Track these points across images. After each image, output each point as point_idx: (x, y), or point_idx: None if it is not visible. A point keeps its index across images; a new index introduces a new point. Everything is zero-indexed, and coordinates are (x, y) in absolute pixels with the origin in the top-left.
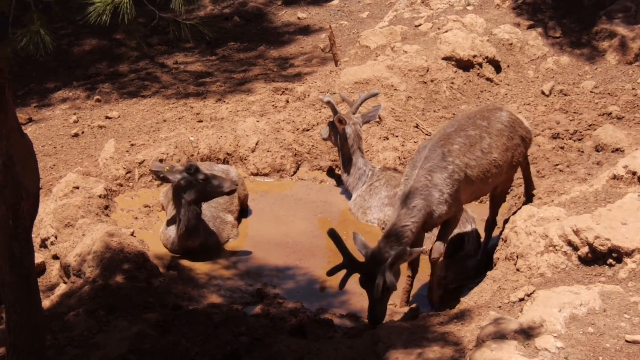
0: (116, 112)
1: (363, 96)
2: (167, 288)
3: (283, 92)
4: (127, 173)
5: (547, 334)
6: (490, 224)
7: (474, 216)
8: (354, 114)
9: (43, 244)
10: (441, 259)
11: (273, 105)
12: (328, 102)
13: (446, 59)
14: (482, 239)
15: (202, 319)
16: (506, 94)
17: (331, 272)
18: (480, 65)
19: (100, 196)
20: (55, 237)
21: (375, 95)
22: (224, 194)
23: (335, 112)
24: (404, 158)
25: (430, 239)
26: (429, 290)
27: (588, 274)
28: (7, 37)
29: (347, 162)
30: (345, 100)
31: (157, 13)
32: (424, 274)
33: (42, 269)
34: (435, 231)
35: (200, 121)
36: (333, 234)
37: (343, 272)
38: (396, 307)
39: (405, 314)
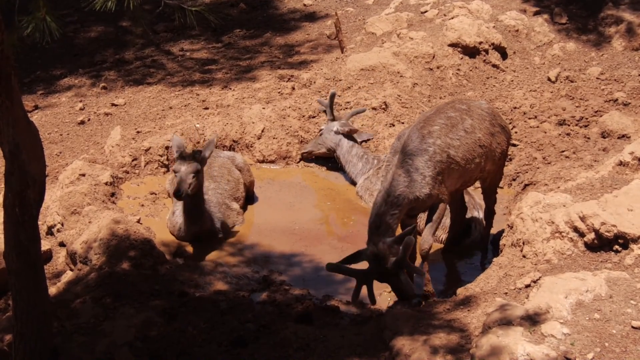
0: (122, 99)
1: (351, 113)
2: (173, 275)
3: (289, 79)
4: (133, 160)
5: (553, 320)
6: (489, 213)
7: (482, 203)
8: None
9: (49, 232)
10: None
11: (279, 92)
12: (332, 95)
13: (452, 45)
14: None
15: (208, 306)
16: (512, 81)
17: (354, 297)
18: (487, 51)
19: (106, 183)
20: (62, 225)
21: (362, 112)
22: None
23: (332, 109)
24: None
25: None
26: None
27: (594, 260)
28: (13, 25)
29: (346, 154)
30: (322, 104)
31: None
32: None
33: (48, 256)
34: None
35: (206, 108)
36: (333, 267)
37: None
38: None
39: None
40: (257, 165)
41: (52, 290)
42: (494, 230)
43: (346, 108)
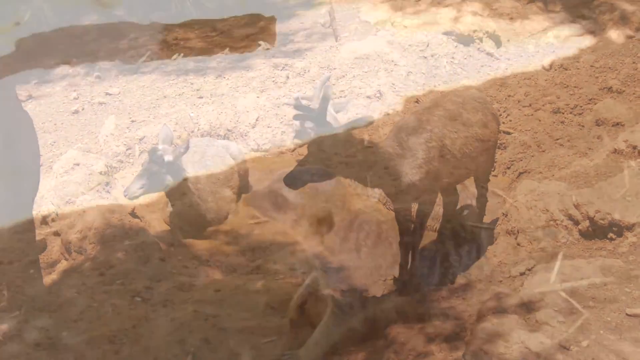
0: (116, 88)
1: (318, 85)
2: (168, 264)
3: (283, 67)
4: (127, 149)
5: (548, 308)
6: (481, 200)
7: (474, 192)
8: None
9: (44, 221)
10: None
11: (273, 81)
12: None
13: (446, 33)
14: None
15: None
16: (506, 69)
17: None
18: (481, 39)
19: (100, 173)
20: (56, 214)
21: (327, 78)
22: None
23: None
24: None
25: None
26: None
27: (589, 248)
28: (9, 13)
29: None
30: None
31: None
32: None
33: (43, 246)
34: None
35: (201, 97)
36: (296, 114)
37: None
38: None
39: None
40: (251, 154)
41: (47, 279)
42: (488, 219)
43: (340, 97)
